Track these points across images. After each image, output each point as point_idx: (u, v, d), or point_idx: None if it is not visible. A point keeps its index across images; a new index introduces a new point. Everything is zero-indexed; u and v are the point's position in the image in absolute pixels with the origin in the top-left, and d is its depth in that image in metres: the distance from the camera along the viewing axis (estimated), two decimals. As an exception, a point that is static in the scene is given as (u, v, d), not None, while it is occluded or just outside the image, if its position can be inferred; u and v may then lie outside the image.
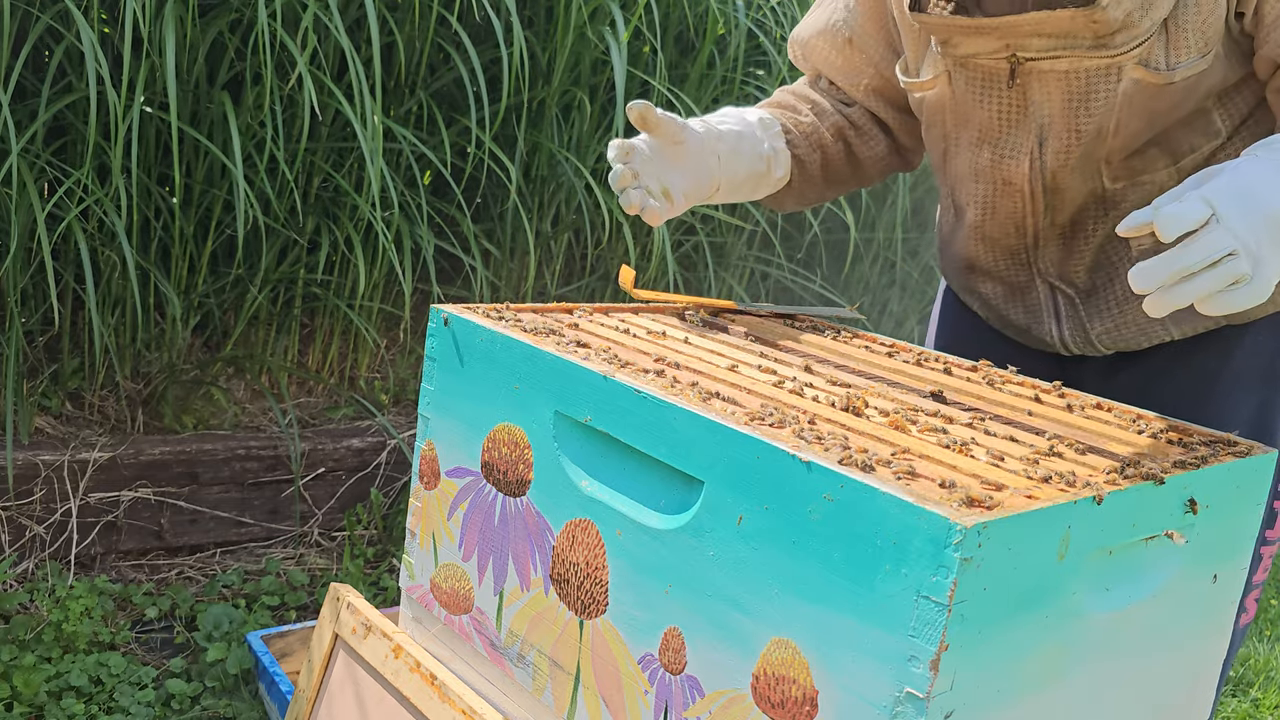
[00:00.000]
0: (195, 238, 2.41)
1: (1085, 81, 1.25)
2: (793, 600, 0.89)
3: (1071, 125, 1.29)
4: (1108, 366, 1.46)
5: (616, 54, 2.52)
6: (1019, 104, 1.30)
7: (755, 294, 3.38)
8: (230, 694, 1.96)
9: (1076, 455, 1.01)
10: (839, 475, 0.86)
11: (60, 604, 2.02)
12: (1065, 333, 1.43)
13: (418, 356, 2.84)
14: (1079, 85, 1.26)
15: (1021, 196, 1.37)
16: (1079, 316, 1.42)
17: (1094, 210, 1.37)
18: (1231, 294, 0.99)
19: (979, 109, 1.33)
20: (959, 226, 1.48)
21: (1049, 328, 1.45)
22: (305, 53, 2.16)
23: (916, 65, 1.40)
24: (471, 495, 1.22)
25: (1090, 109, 1.27)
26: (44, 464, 2.16)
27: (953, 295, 1.64)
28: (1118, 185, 1.33)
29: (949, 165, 1.44)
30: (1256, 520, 1.13)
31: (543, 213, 2.83)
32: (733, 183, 1.41)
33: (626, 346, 1.20)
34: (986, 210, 1.41)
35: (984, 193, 1.40)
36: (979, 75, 1.31)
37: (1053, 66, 1.25)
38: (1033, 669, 0.89)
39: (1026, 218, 1.39)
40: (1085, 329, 1.42)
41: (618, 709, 1.06)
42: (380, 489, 2.53)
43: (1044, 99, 1.28)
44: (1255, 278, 0.99)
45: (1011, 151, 1.34)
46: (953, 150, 1.41)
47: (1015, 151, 1.34)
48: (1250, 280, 0.99)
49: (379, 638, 1.30)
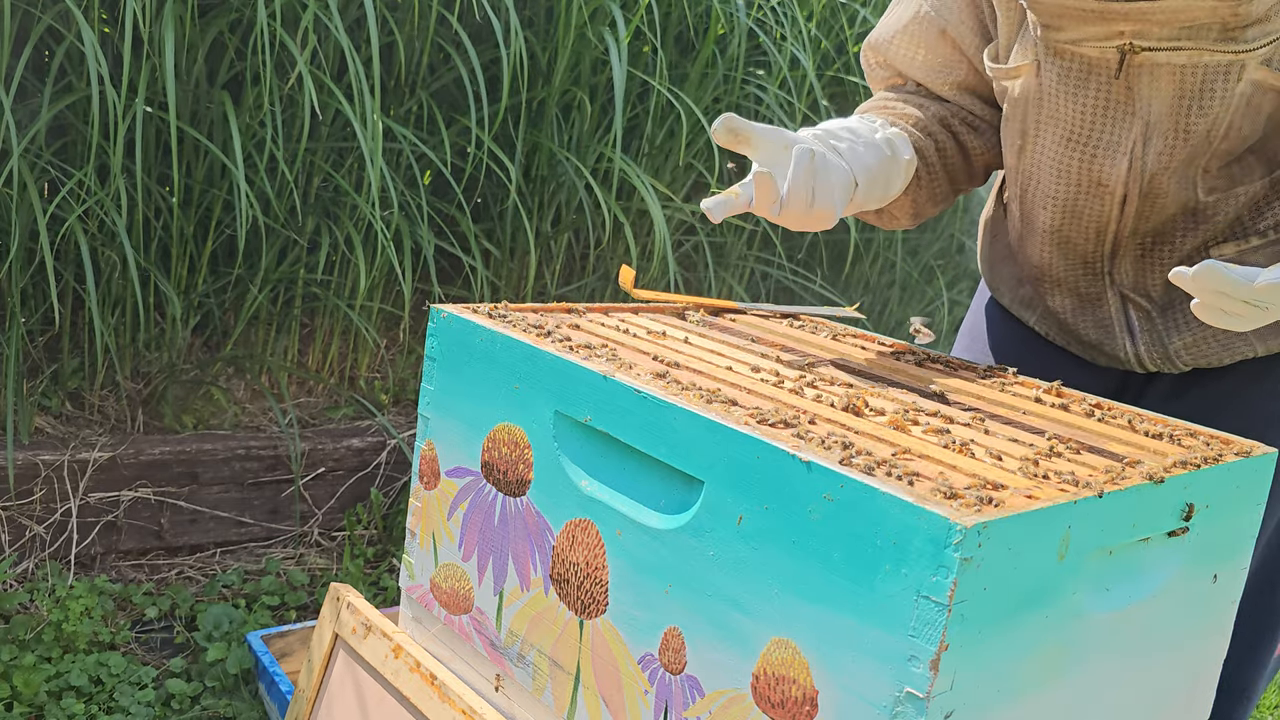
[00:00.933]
0: (195, 238, 2.41)
1: (1201, 78, 1.16)
2: (793, 600, 0.89)
3: (1180, 124, 1.20)
4: (1178, 383, 1.40)
5: (615, 56, 2.52)
6: (1122, 98, 1.21)
7: (755, 294, 3.38)
8: (230, 694, 1.96)
9: (1076, 455, 1.01)
10: (839, 475, 0.86)
11: (60, 604, 2.02)
12: (1140, 349, 1.37)
13: (417, 356, 2.84)
14: (1194, 82, 1.17)
15: (1111, 199, 1.28)
16: (1156, 331, 1.35)
17: (1183, 222, 1.30)
18: None
19: (1071, 103, 1.24)
20: (1029, 232, 1.39)
21: (1122, 343, 1.38)
22: (305, 52, 2.16)
23: (1007, 50, 1.30)
24: (471, 495, 1.22)
25: (1204, 108, 1.18)
26: (44, 464, 2.16)
27: (999, 312, 1.55)
28: (1211, 197, 1.27)
29: (1024, 162, 1.34)
30: (1257, 520, 1.13)
31: (543, 213, 2.83)
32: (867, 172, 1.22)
33: (626, 346, 1.20)
34: (1066, 213, 1.32)
35: (1066, 194, 1.30)
36: (1076, 65, 1.21)
37: (1169, 59, 1.15)
38: (1033, 669, 0.89)
39: (1110, 223, 1.30)
40: (1164, 344, 1.35)
41: (618, 709, 1.06)
42: (380, 489, 2.53)
43: (1153, 94, 1.19)
44: None
45: (1108, 150, 1.24)
46: (1031, 146, 1.32)
47: (1112, 150, 1.24)
48: None
49: (379, 638, 1.30)
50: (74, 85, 2.20)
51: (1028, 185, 1.35)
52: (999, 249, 1.53)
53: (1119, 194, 1.27)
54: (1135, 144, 1.23)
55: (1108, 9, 1.14)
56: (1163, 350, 1.36)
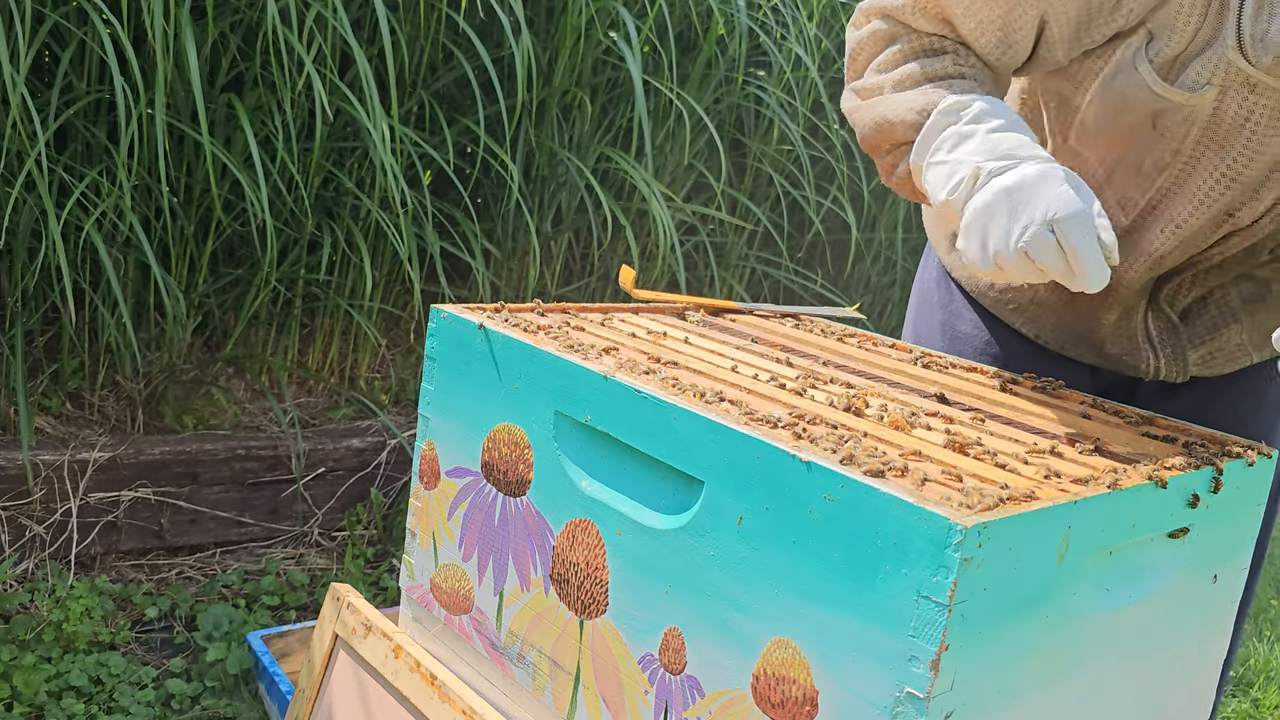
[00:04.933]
0: (195, 237, 2.41)
1: None
2: (793, 600, 0.89)
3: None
4: (1168, 388, 1.38)
5: (631, 59, 2.52)
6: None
7: (756, 294, 3.38)
8: (230, 694, 1.96)
9: (1077, 455, 1.01)
10: (839, 475, 0.86)
11: (60, 604, 2.02)
12: (1162, 361, 1.34)
13: (417, 356, 2.84)
14: None
15: (1227, 231, 1.21)
16: (1180, 344, 1.33)
17: (1245, 253, 1.27)
18: None
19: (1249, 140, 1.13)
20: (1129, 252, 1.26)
21: (1145, 355, 1.34)
22: (311, 52, 2.16)
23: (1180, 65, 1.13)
24: (472, 495, 1.22)
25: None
26: (44, 464, 2.16)
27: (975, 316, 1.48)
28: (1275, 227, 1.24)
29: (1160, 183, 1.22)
30: (1257, 520, 1.13)
31: (543, 213, 2.83)
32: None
33: (627, 346, 1.20)
34: (1184, 241, 1.22)
35: (1197, 224, 1.20)
36: (1273, 103, 1.10)
37: None
38: (1033, 669, 0.89)
39: (1203, 246, 1.24)
40: (1184, 357, 1.33)
41: (618, 709, 1.06)
42: (380, 489, 2.53)
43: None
44: None
45: (1259, 190, 1.16)
46: (1179, 169, 1.19)
47: (1262, 190, 1.16)
48: None
49: (379, 638, 1.30)
50: (74, 85, 2.20)
51: (1156, 206, 1.23)
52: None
53: (1241, 226, 1.21)
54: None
55: None
56: (1182, 363, 1.33)
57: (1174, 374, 1.34)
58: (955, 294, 1.50)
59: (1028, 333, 1.41)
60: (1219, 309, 1.32)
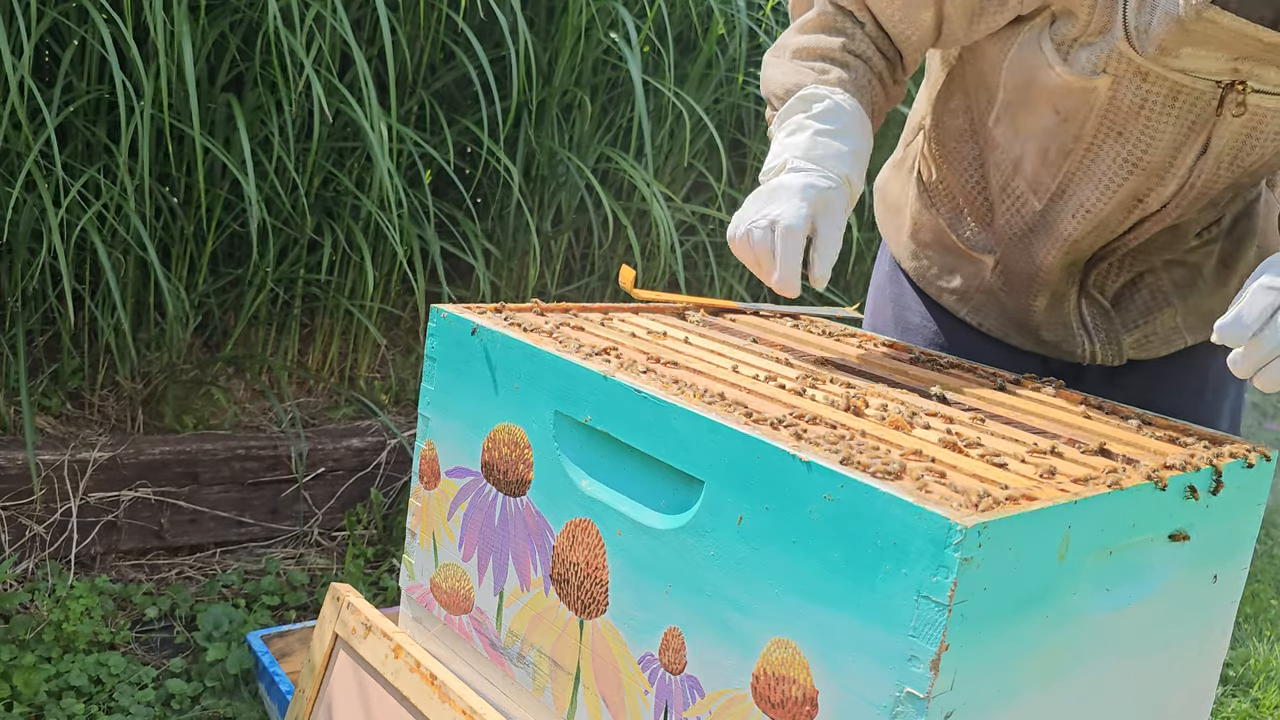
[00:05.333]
0: (195, 237, 2.41)
1: (1275, 120, 1.17)
2: (793, 600, 0.89)
3: (1234, 159, 1.20)
4: (1111, 372, 1.43)
5: (632, 59, 2.52)
6: (1198, 130, 1.17)
7: (756, 294, 3.38)
8: (230, 694, 1.96)
9: (1077, 455, 1.01)
10: (839, 475, 0.86)
11: (60, 604, 2.02)
12: (1097, 346, 1.39)
13: (417, 356, 2.84)
14: (1267, 123, 1.17)
15: (1139, 215, 1.26)
16: (1113, 328, 1.38)
17: (1165, 237, 1.32)
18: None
19: (1146, 125, 1.18)
20: (1044, 236, 1.33)
21: (1080, 340, 1.40)
22: (311, 52, 2.16)
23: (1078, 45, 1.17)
24: (471, 495, 1.22)
25: (1260, 145, 1.19)
26: (44, 464, 2.16)
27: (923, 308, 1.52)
28: (1200, 215, 1.30)
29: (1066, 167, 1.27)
30: (1257, 520, 1.13)
31: (543, 213, 2.83)
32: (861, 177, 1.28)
33: (627, 346, 1.20)
34: (1095, 225, 1.28)
35: (1104, 209, 1.26)
36: (1164, 90, 1.15)
37: (1261, 103, 1.14)
38: (1033, 669, 0.89)
39: (1120, 233, 1.29)
40: (1119, 341, 1.38)
41: (618, 709, 1.06)
42: (380, 489, 2.53)
43: (1229, 130, 1.17)
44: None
45: (1161, 173, 1.22)
46: (1081, 154, 1.25)
47: (1164, 174, 1.22)
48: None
49: (379, 638, 1.30)
50: (74, 85, 2.20)
51: (1064, 191, 1.29)
52: (922, 234, 1.48)
53: (1150, 211, 1.26)
54: (1190, 170, 1.21)
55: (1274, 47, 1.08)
56: (1117, 347, 1.39)
57: (1109, 358, 1.39)
58: (905, 286, 1.54)
59: (972, 322, 1.46)
60: (1151, 293, 1.37)
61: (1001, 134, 1.32)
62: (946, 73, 1.40)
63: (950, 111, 1.40)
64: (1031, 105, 1.25)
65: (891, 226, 1.55)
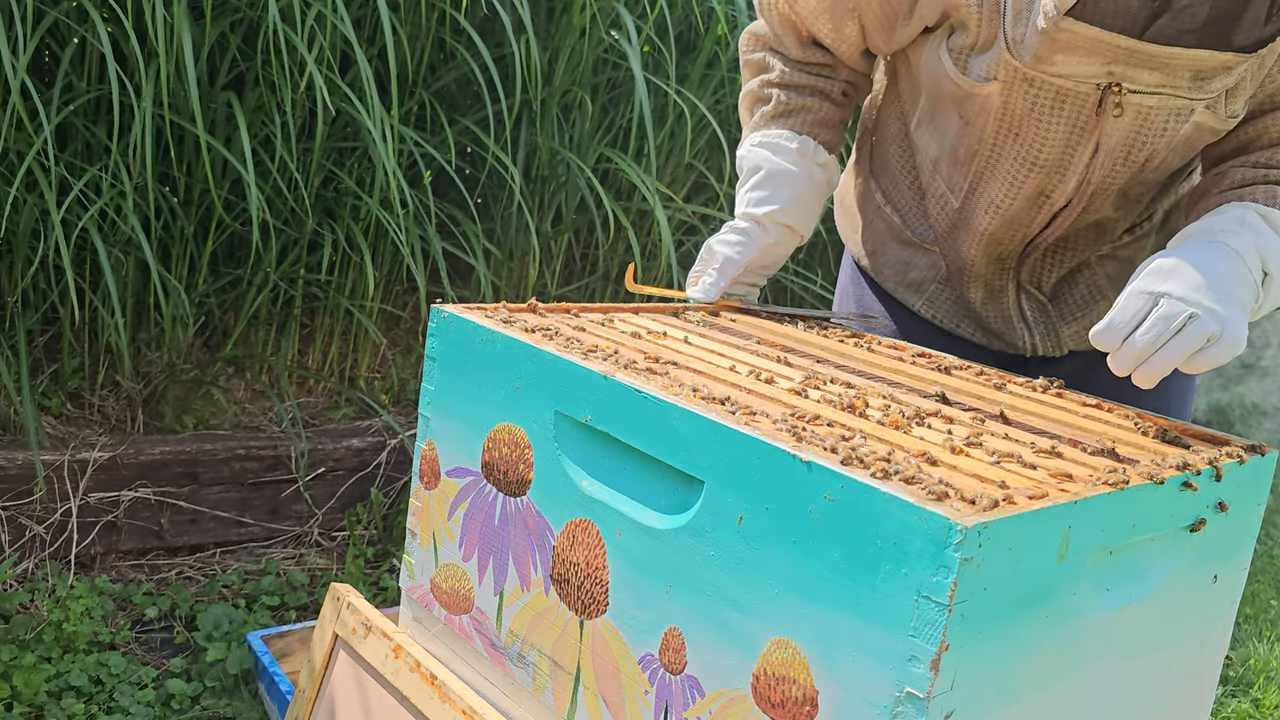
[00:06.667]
0: (195, 237, 2.41)
1: (1163, 117, 1.24)
2: (793, 600, 0.89)
3: (1128, 155, 1.29)
4: (1052, 362, 1.53)
5: (633, 58, 2.51)
6: (1088, 128, 1.26)
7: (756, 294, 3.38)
8: (230, 694, 1.96)
9: (1077, 455, 1.01)
10: (839, 475, 0.86)
11: (60, 604, 2.02)
12: (1036, 338, 1.49)
13: (418, 356, 2.84)
14: (1154, 120, 1.25)
15: (1049, 211, 1.36)
16: (1051, 322, 1.49)
17: (1089, 233, 1.43)
18: (1210, 351, 1.11)
19: (1037, 128, 1.28)
20: (963, 231, 1.44)
21: (1020, 332, 1.49)
22: (313, 51, 2.16)
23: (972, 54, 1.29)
24: (472, 495, 1.22)
25: (1150, 142, 1.27)
26: (44, 464, 2.16)
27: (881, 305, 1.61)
28: (1118, 213, 1.40)
29: (974, 167, 1.38)
30: (1257, 520, 1.13)
31: (543, 213, 2.83)
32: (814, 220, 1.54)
33: (627, 346, 1.20)
34: (1006, 220, 1.39)
35: (1012, 205, 1.36)
36: (1049, 94, 1.25)
37: (1142, 101, 1.22)
38: (1033, 669, 0.89)
39: (1036, 229, 1.39)
40: (1057, 333, 1.49)
41: (618, 709, 1.06)
42: (380, 489, 2.53)
43: (1115, 128, 1.25)
44: (1225, 333, 1.11)
45: (1060, 170, 1.31)
46: (986, 155, 1.35)
47: (1064, 171, 1.31)
48: (1221, 336, 1.11)
49: (379, 638, 1.30)
50: (74, 85, 2.20)
51: (978, 191, 1.39)
52: (877, 232, 1.59)
53: (1058, 207, 1.36)
54: (1086, 167, 1.30)
55: (1154, 54, 1.15)
56: (1055, 339, 1.49)
57: (1049, 349, 1.50)
58: (863, 284, 1.65)
59: (926, 314, 1.56)
60: (1088, 287, 1.48)
61: (921, 137, 1.45)
62: (887, 80, 1.52)
63: (889, 116, 1.52)
64: (943, 110, 1.37)
65: (849, 227, 1.66)
